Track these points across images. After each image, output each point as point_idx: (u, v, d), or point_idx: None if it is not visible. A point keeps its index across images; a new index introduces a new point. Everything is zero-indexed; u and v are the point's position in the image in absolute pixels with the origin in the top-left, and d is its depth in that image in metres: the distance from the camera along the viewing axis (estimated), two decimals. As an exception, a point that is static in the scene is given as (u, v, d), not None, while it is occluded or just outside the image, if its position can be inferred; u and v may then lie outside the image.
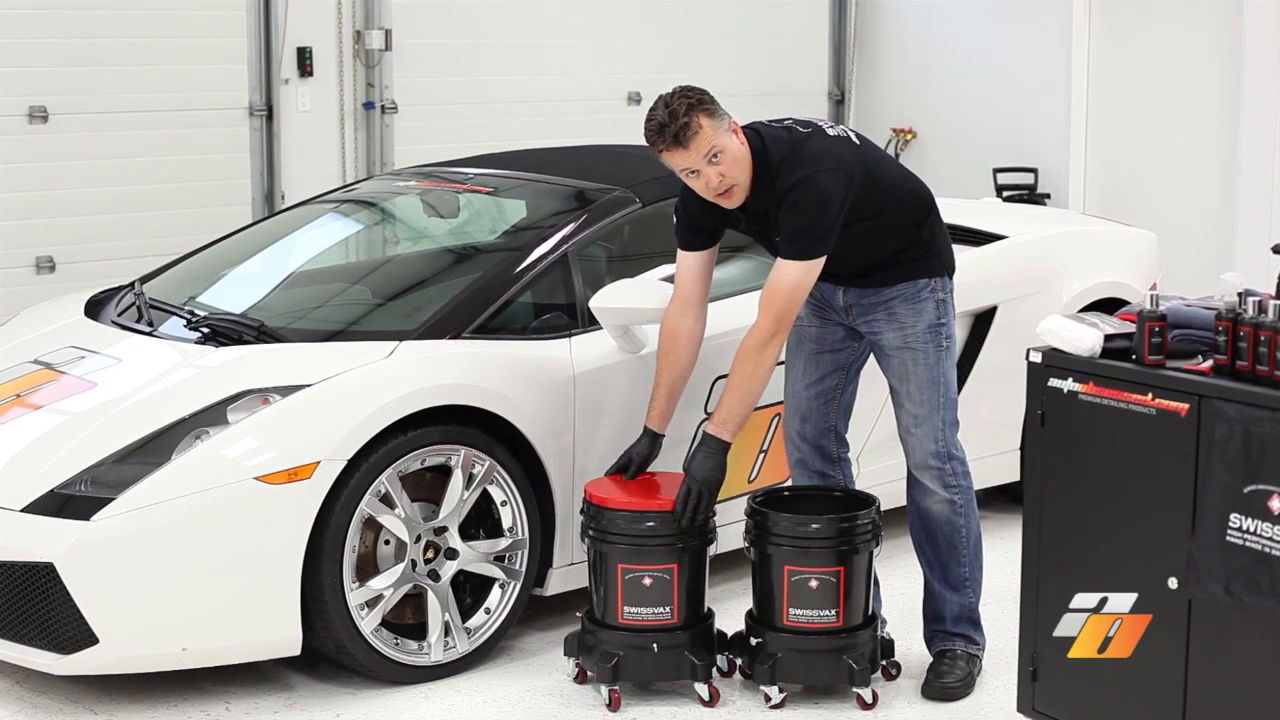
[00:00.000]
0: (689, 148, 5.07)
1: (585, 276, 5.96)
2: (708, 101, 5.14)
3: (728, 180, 5.12)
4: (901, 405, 5.42)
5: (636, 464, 5.42)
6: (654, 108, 5.16)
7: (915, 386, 5.36)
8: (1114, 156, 11.25)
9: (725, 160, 5.09)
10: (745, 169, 5.14)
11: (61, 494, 5.08)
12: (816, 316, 5.51)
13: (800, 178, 5.11)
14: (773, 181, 5.15)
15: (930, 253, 5.38)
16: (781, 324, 5.18)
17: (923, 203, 5.41)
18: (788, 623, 5.24)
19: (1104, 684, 4.49)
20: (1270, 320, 4.08)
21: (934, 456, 5.37)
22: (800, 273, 5.13)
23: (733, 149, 5.10)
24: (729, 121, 5.13)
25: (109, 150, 9.41)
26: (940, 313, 5.37)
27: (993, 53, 11.70)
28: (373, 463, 5.22)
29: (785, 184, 5.12)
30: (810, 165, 5.13)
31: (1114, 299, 6.89)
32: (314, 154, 10.15)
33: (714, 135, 5.07)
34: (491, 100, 10.77)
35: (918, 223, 5.36)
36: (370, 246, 7.07)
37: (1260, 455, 4.02)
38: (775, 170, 5.15)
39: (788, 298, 5.15)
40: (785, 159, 5.15)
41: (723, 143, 5.08)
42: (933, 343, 5.34)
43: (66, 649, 5.06)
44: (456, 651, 5.48)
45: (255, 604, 5.13)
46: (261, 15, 9.86)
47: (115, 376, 5.61)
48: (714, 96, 5.19)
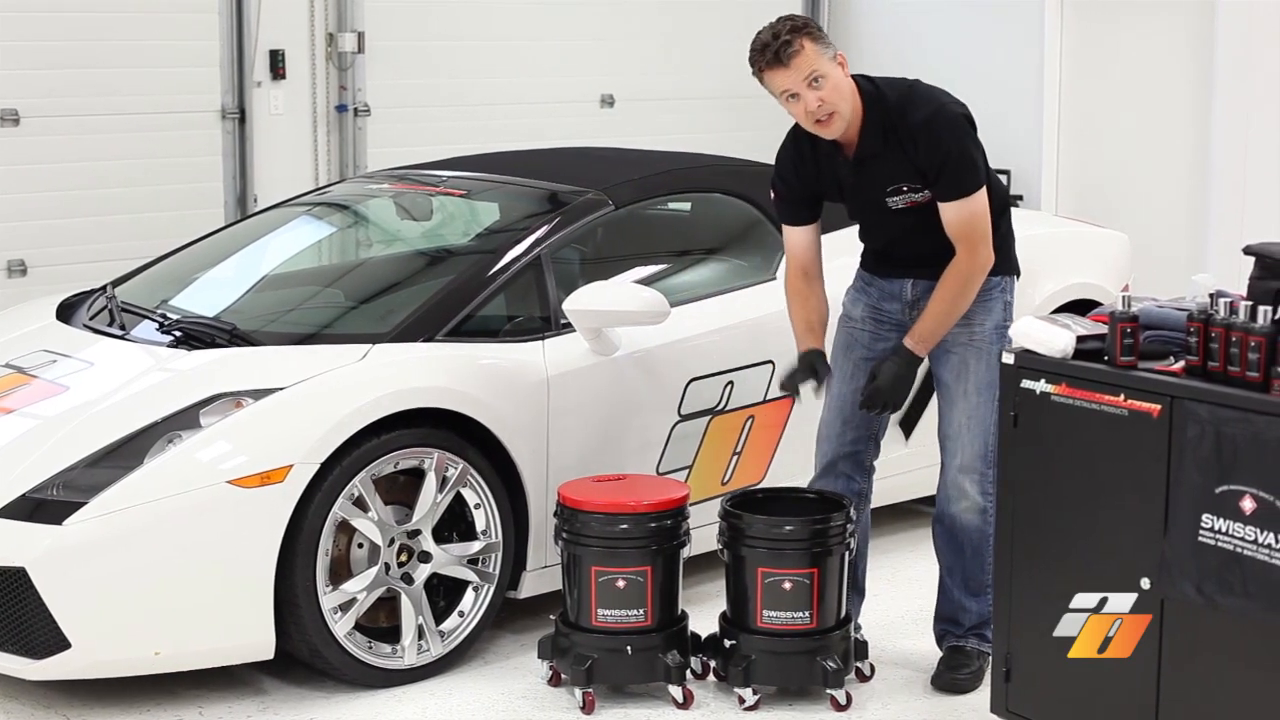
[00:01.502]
0: (789, 66, 5.02)
1: (559, 279, 5.96)
2: (814, 29, 5.08)
3: (828, 105, 5.05)
4: (954, 404, 5.36)
5: (822, 375, 5.32)
6: (760, 31, 5.12)
7: (973, 386, 5.32)
8: (1086, 158, 11.27)
9: (826, 86, 5.04)
10: (848, 100, 5.09)
11: (33, 498, 5.06)
12: (872, 320, 5.43)
13: (932, 110, 5.09)
14: (891, 121, 5.11)
15: (1004, 250, 5.35)
16: (981, 250, 5.16)
17: (1002, 192, 5.39)
18: (761, 625, 5.24)
19: (1079, 685, 4.50)
20: (1242, 321, 4.09)
21: (980, 459, 5.31)
22: (972, 206, 5.12)
23: (835, 76, 5.05)
24: (835, 53, 5.08)
25: (81, 153, 9.37)
26: (1006, 315, 5.34)
27: (965, 55, 11.71)
28: (346, 466, 5.21)
29: (916, 120, 5.08)
30: (936, 100, 5.13)
31: (1086, 300, 6.89)
32: (287, 157, 10.12)
33: (816, 59, 5.02)
34: (464, 103, 10.75)
35: (999, 212, 5.31)
36: (343, 249, 7.06)
37: (1232, 456, 4.04)
38: (893, 109, 5.11)
39: (974, 228, 5.14)
40: (902, 97, 5.12)
41: (825, 68, 5.03)
42: (997, 344, 5.23)
43: (39, 654, 5.04)
44: (430, 655, 5.47)
45: (228, 608, 5.12)
46: (233, 18, 9.82)
47: (87, 380, 5.59)
48: (822, 29, 5.16)
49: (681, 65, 11.62)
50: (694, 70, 11.66)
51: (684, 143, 9.64)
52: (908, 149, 5.11)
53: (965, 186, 5.11)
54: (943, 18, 11.89)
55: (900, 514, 6.98)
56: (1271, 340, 4.02)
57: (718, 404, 6.08)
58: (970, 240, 5.14)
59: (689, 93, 11.65)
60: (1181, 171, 10.63)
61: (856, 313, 5.46)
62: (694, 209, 6.82)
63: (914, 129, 5.08)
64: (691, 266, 6.64)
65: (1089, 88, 11.19)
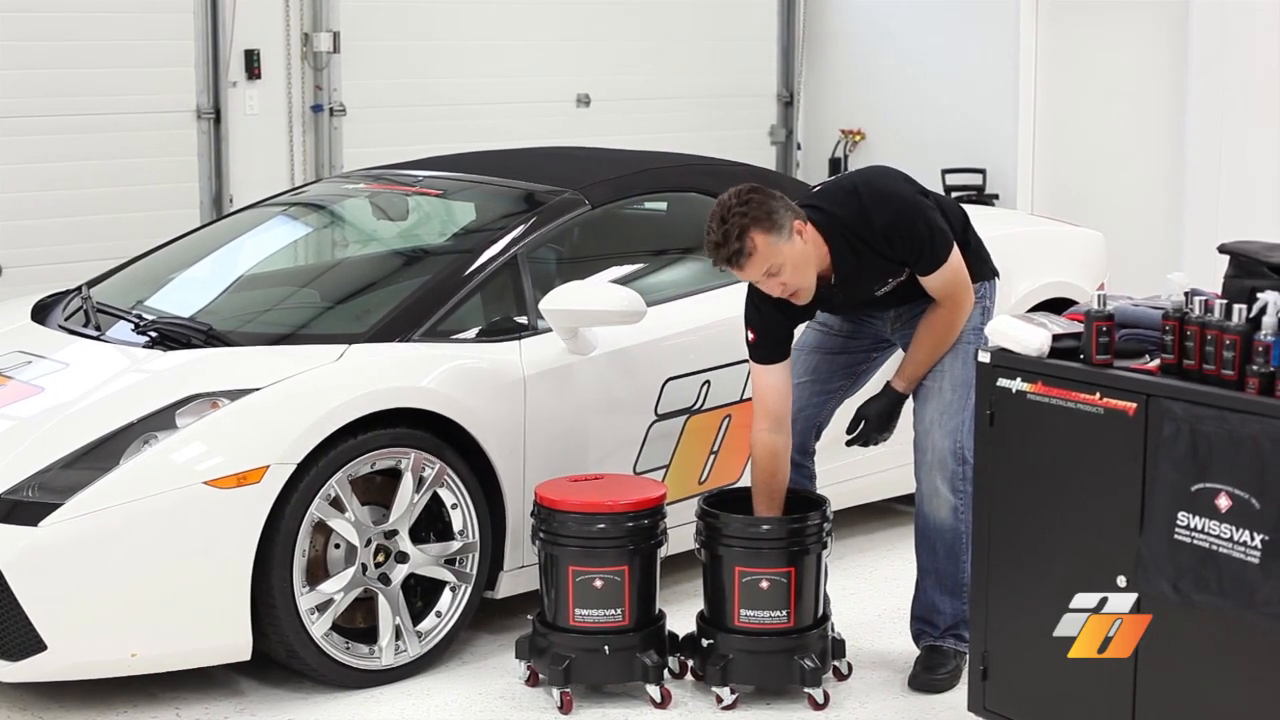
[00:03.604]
0: (744, 268, 5.04)
1: (535, 279, 5.96)
2: (764, 215, 4.98)
3: (790, 288, 5.10)
4: (928, 401, 5.40)
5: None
6: (711, 218, 5.03)
7: (949, 384, 5.36)
8: (1061, 157, 11.30)
9: (785, 271, 5.05)
10: (809, 270, 5.12)
11: (9, 499, 5.04)
12: (849, 323, 5.55)
13: (891, 211, 5.14)
14: (857, 235, 5.16)
15: (977, 259, 5.42)
16: (964, 299, 5.29)
17: (957, 210, 5.46)
18: (739, 624, 5.25)
19: (1057, 683, 4.51)
20: (1217, 319, 4.10)
21: (951, 456, 5.34)
22: (951, 267, 5.21)
23: (792, 256, 5.04)
24: (790, 227, 5.02)
25: (55, 154, 9.35)
26: (984, 318, 5.37)
27: (941, 54, 11.74)
28: (322, 466, 5.21)
29: (879, 225, 5.13)
30: (886, 194, 5.19)
31: (1062, 299, 6.91)
32: (262, 157, 10.10)
33: (769, 254, 5.00)
34: (440, 103, 10.74)
35: (959, 231, 5.37)
36: (319, 249, 7.05)
37: (1207, 453, 4.05)
38: (853, 226, 5.16)
39: (955, 286, 5.26)
40: (857, 211, 5.15)
41: (780, 256, 5.01)
42: (974, 344, 5.28)
43: (14, 655, 5.02)
44: (408, 655, 5.46)
45: (205, 609, 5.11)
46: (209, 18, 9.81)
47: (62, 381, 5.57)
48: (771, 200, 5.02)
49: (657, 65, 11.63)
50: (670, 70, 11.68)
51: (660, 142, 9.66)
52: (882, 250, 5.19)
53: (942, 256, 5.20)
54: (918, 19, 11.92)
55: (877, 512, 6.99)
56: (1246, 338, 4.03)
57: (694, 403, 6.09)
58: (954, 296, 5.28)
59: (665, 92, 11.66)
60: (1156, 170, 10.66)
61: (833, 321, 5.56)
62: (670, 208, 6.82)
63: (882, 232, 5.15)
64: (668, 266, 6.65)
65: (1064, 87, 11.22)
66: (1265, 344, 3.99)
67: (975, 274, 5.38)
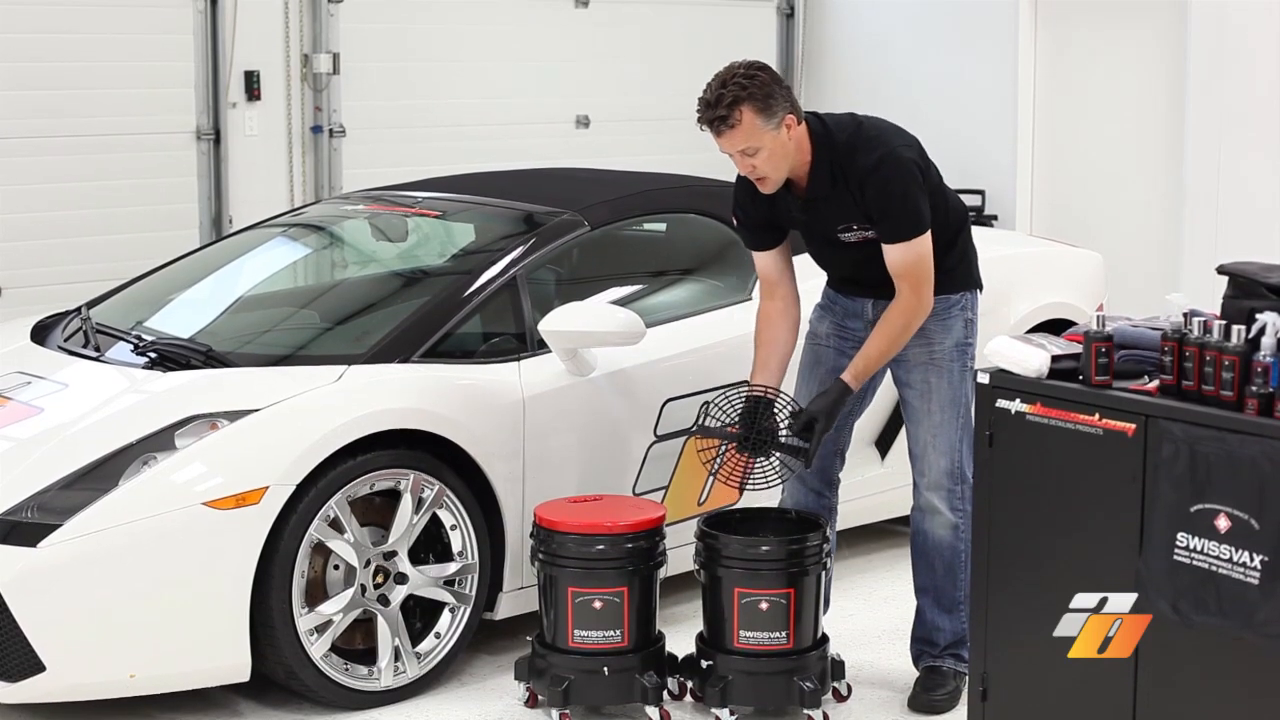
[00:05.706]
0: (723, 137, 5.07)
1: (534, 300, 5.96)
2: (761, 96, 5.03)
3: (759, 171, 5.12)
4: (919, 422, 5.40)
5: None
6: (714, 77, 5.11)
7: (936, 405, 5.35)
8: (1060, 178, 11.31)
9: (761, 156, 5.07)
10: (783, 164, 5.12)
11: (8, 520, 5.04)
12: (837, 338, 5.49)
13: (879, 156, 5.10)
14: (839, 163, 5.14)
15: (965, 266, 5.40)
16: (923, 291, 5.18)
17: (961, 211, 5.44)
18: (738, 645, 5.24)
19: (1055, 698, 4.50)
20: (1216, 340, 4.11)
21: (947, 475, 5.34)
22: (916, 249, 5.14)
23: (772, 145, 5.06)
24: (781, 119, 5.06)
25: (55, 174, 9.35)
26: (968, 332, 5.37)
27: (940, 76, 11.75)
28: (321, 487, 5.21)
29: (863, 165, 5.11)
30: (884, 144, 5.14)
31: (1061, 320, 6.92)
32: (262, 178, 10.11)
33: (751, 133, 5.03)
34: (439, 124, 10.75)
35: (956, 230, 5.36)
36: (319, 270, 7.05)
37: (1206, 474, 4.05)
38: (841, 152, 5.14)
39: (915, 271, 5.16)
40: (850, 139, 5.14)
41: (761, 140, 5.04)
42: (958, 361, 5.32)
43: (13, 677, 5.02)
44: (406, 676, 5.46)
45: (204, 630, 5.11)
46: (208, 39, 9.82)
47: (62, 402, 5.57)
48: (776, 82, 5.08)
49: (657, 86, 11.63)
50: (669, 91, 11.66)
51: (659, 163, 9.65)
52: (854, 192, 5.16)
53: (906, 233, 5.15)
54: (917, 42, 11.93)
55: (876, 533, 6.99)
56: (1245, 359, 4.04)
57: (694, 424, 6.08)
58: (912, 280, 5.18)
59: (664, 113, 11.65)
60: (1155, 191, 10.67)
61: (822, 329, 5.52)
62: (669, 230, 6.83)
63: (861, 174, 5.13)
64: (667, 287, 6.65)
65: (1062, 108, 11.24)
66: (1264, 365, 4.00)
67: (960, 282, 5.37)
